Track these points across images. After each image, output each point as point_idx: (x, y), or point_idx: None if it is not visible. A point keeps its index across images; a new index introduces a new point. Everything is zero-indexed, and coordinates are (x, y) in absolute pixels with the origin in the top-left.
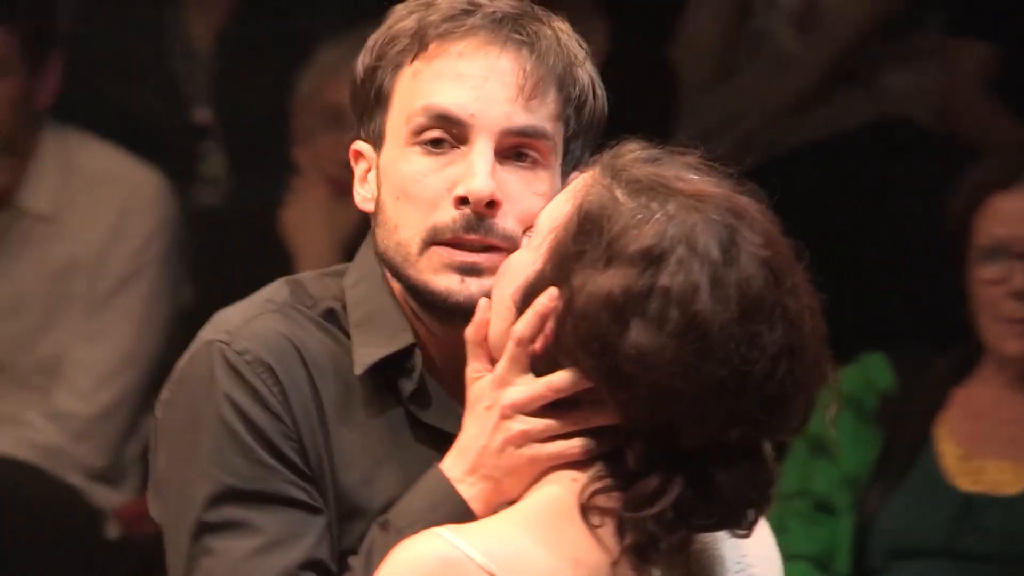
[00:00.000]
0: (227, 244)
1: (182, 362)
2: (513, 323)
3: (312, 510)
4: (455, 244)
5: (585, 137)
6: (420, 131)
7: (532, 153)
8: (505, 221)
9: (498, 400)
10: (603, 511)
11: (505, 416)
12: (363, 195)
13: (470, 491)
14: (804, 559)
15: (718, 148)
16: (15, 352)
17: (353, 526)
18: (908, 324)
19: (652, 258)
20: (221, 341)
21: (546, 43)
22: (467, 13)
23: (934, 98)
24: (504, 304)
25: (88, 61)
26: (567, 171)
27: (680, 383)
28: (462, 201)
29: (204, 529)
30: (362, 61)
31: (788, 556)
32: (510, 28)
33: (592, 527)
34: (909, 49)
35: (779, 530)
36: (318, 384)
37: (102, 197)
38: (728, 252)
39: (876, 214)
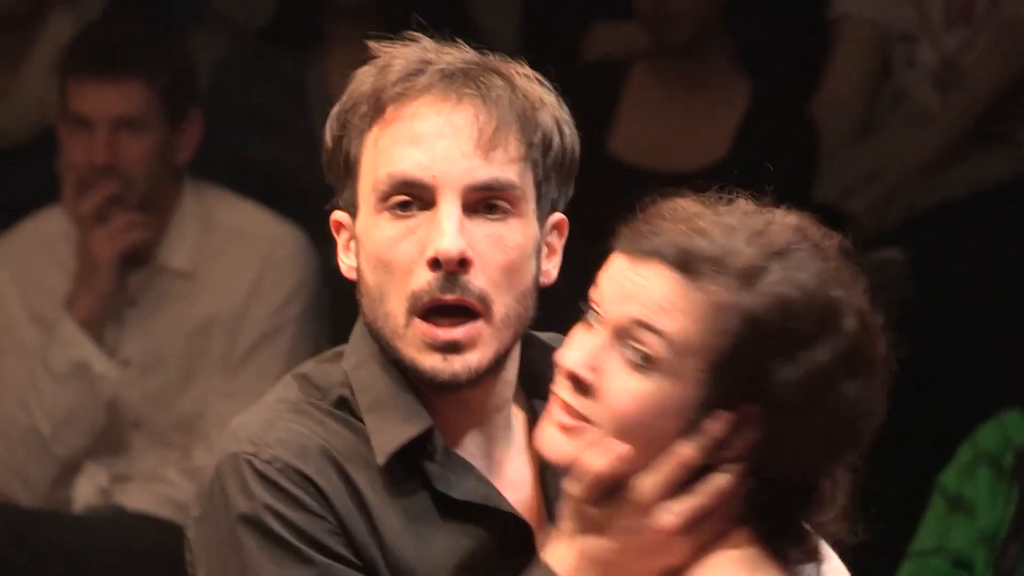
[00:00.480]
0: None
1: (209, 476)
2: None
3: None
4: (431, 311)
5: (558, 177)
6: (386, 198)
7: (502, 203)
8: (478, 279)
9: (648, 525)
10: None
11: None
12: (348, 264)
13: (562, 559)
14: None
15: (858, 205)
16: (154, 409)
17: None
18: None
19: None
20: (247, 453)
21: (498, 92)
22: (419, 72)
23: None
24: (658, 442)
25: (228, 118)
26: (543, 214)
27: (864, 422)
28: (434, 263)
29: None
30: (329, 130)
31: None
32: (461, 83)
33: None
34: None
35: None
36: (350, 476)
37: (242, 254)
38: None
39: (1014, 272)
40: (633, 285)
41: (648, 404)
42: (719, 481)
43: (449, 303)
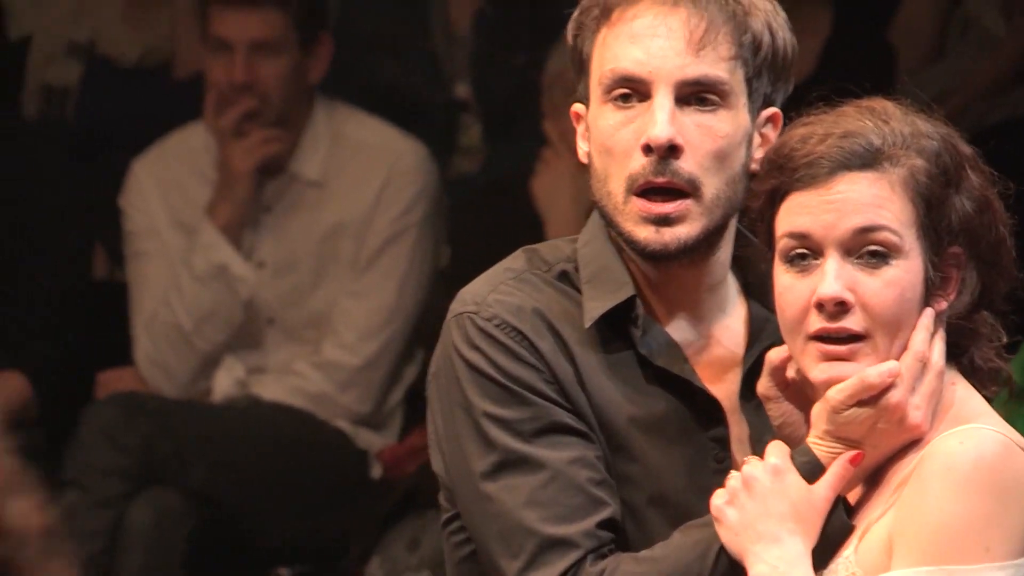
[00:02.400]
0: (482, 209)
1: (441, 337)
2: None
3: (585, 436)
4: (647, 191)
5: (770, 74)
6: (609, 90)
7: (711, 97)
8: (688, 163)
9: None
10: None
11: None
12: (583, 150)
13: (822, 450)
14: None
15: None
16: (287, 308)
17: (616, 461)
18: None
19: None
20: (471, 312)
21: (721, 6)
22: None
23: None
24: (916, 300)
25: (356, 41)
26: (755, 107)
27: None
28: (648, 149)
29: (486, 477)
30: (569, 32)
31: None
32: None
33: None
34: None
35: None
36: (562, 335)
37: (368, 165)
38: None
39: None
40: (839, 204)
41: (901, 287)
42: (940, 361)
43: (660, 184)
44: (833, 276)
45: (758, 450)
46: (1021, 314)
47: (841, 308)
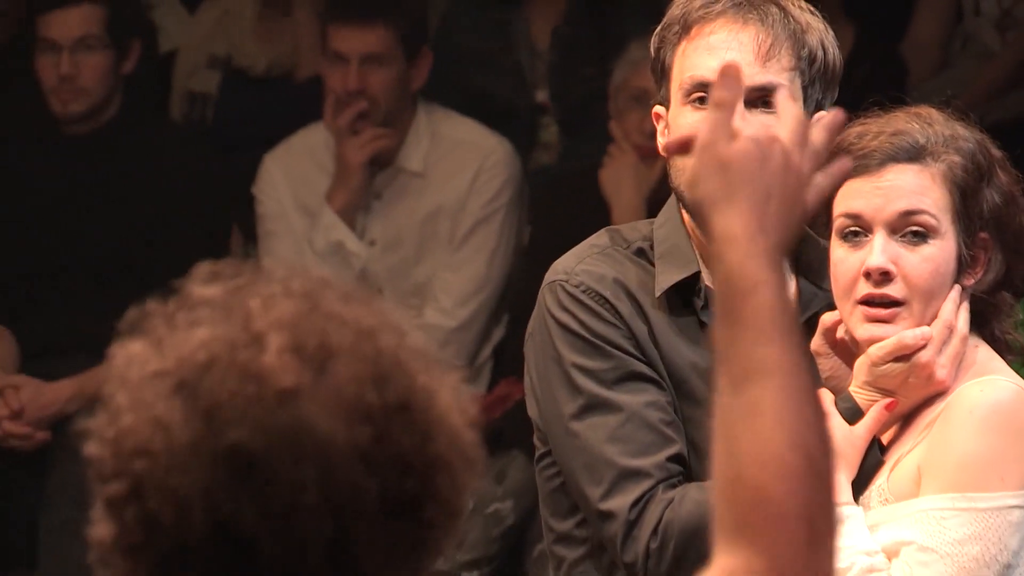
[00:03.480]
0: (558, 196)
1: (537, 302)
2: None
3: (658, 384)
4: None
5: (821, 83)
6: (688, 94)
7: (771, 99)
8: None
9: (927, 378)
10: None
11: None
12: (662, 143)
13: (861, 397)
14: None
15: None
16: (394, 278)
17: (682, 405)
18: None
19: (986, 146)
20: (561, 280)
21: (774, 18)
22: (716, 2)
23: None
24: (949, 275)
25: (452, 54)
26: (809, 110)
27: None
28: None
29: (573, 418)
30: (652, 44)
31: None
32: (747, 10)
33: None
34: None
35: None
36: (639, 300)
37: (462, 158)
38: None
39: None
40: (888, 190)
41: (936, 262)
42: (964, 329)
43: None
44: (880, 250)
45: None
46: None
47: (885, 277)
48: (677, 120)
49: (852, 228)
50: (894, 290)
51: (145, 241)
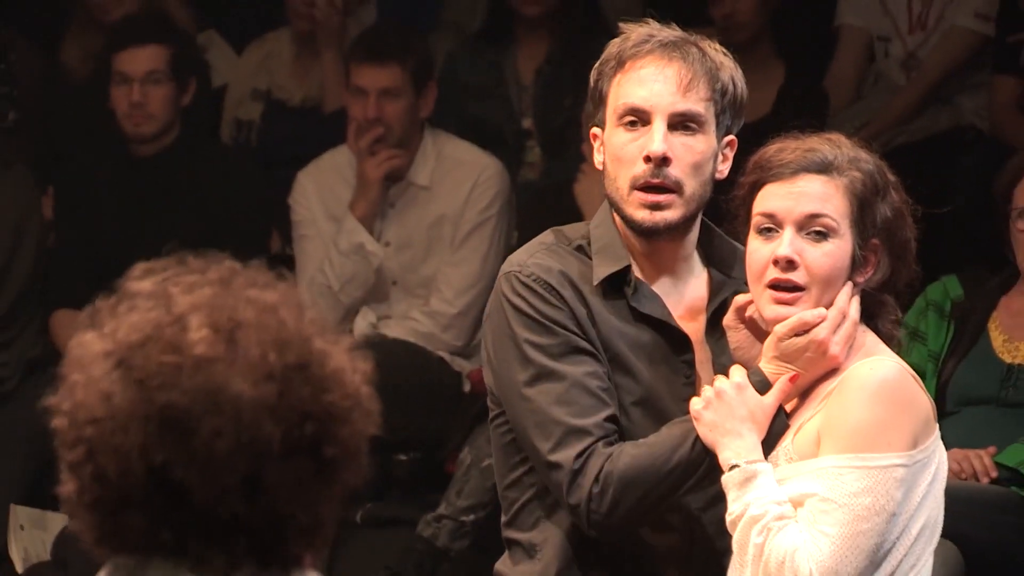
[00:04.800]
0: (540, 205)
1: (494, 289)
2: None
3: (596, 357)
4: (645, 188)
5: (731, 112)
6: (622, 117)
7: (692, 125)
8: (675, 170)
9: (823, 353)
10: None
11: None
12: (598, 160)
13: (768, 370)
14: None
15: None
16: (405, 273)
17: (615, 374)
18: (972, 256)
19: (882, 171)
20: (515, 271)
21: (694, 56)
22: (647, 41)
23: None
24: (843, 269)
25: (454, 88)
26: (720, 134)
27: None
28: (648, 159)
29: (526, 385)
30: (592, 76)
31: None
32: (671, 49)
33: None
34: (975, 81)
35: None
36: (580, 289)
37: (462, 174)
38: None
39: (955, 187)
40: (798, 195)
41: (834, 258)
42: (855, 315)
43: (655, 184)
44: (788, 243)
45: (717, 370)
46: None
47: (790, 266)
48: (612, 139)
49: (767, 225)
50: (798, 277)
51: (198, 243)
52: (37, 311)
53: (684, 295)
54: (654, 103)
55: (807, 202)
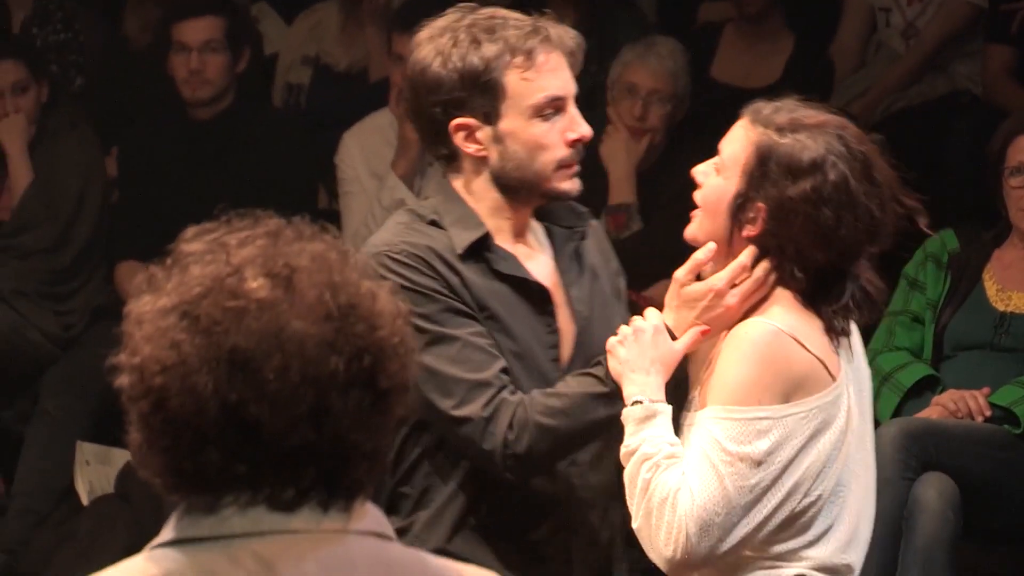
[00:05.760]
0: None
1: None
2: (725, 220)
3: (474, 318)
4: (569, 165)
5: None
6: (542, 109)
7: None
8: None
9: (721, 303)
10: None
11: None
12: (476, 147)
13: (671, 318)
14: (905, 349)
15: (856, 109)
16: None
17: (490, 330)
18: (968, 211)
19: (818, 166)
20: (385, 250)
21: (573, 39)
22: (537, 31)
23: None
24: (722, 207)
25: None
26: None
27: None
28: (575, 142)
29: (420, 352)
30: (480, 68)
31: (895, 348)
32: (558, 35)
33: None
34: (969, 49)
35: (889, 332)
36: (446, 259)
37: None
38: (849, 151)
39: (951, 148)
40: (728, 133)
41: (711, 190)
42: (758, 273)
43: (578, 162)
44: (704, 164)
45: (573, 309)
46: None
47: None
48: (528, 130)
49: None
50: (697, 196)
51: (252, 199)
52: (102, 262)
53: (535, 251)
54: (568, 91)
55: (725, 139)
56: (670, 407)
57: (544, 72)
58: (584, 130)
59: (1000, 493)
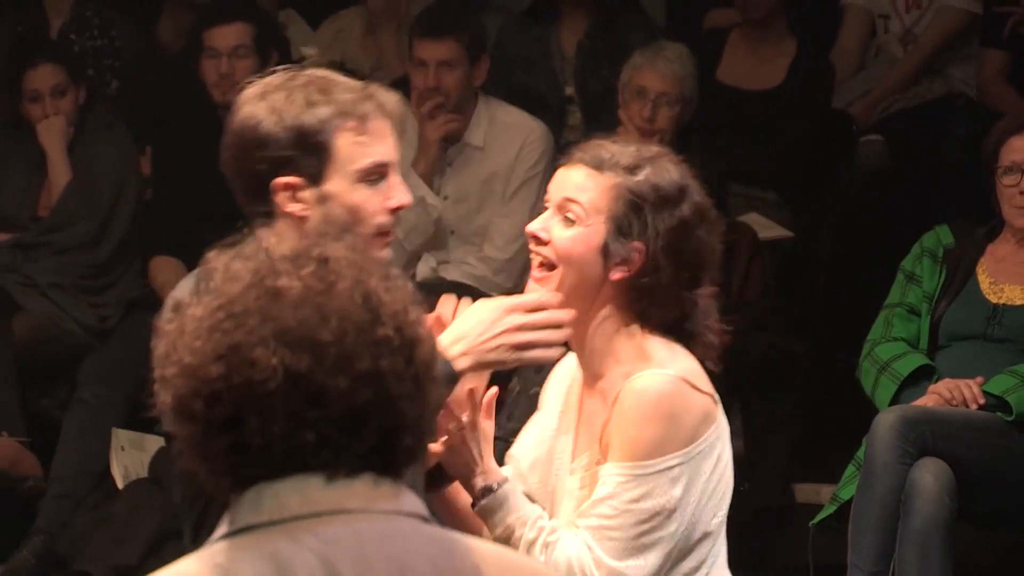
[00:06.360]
0: None
1: None
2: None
3: None
4: (387, 233)
5: None
6: (369, 174)
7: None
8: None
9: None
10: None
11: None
12: (301, 206)
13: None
14: (902, 340)
15: (856, 110)
16: (461, 224)
17: None
18: (962, 208)
19: (684, 191)
20: None
21: (401, 112)
22: (368, 97)
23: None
24: (590, 256)
25: (504, 60)
26: None
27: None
28: (395, 209)
29: None
30: (312, 129)
31: (892, 338)
32: (383, 100)
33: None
34: (964, 53)
35: (887, 323)
36: None
37: (511, 136)
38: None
39: (945, 149)
40: (565, 179)
41: (574, 242)
42: (559, 316)
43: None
44: (540, 220)
45: None
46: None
47: (537, 241)
48: (351, 195)
49: (546, 202)
50: (547, 252)
51: None
52: (136, 257)
53: None
54: (393, 157)
55: (567, 188)
56: (515, 483)
57: (374, 137)
58: (404, 199)
59: (993, 477)
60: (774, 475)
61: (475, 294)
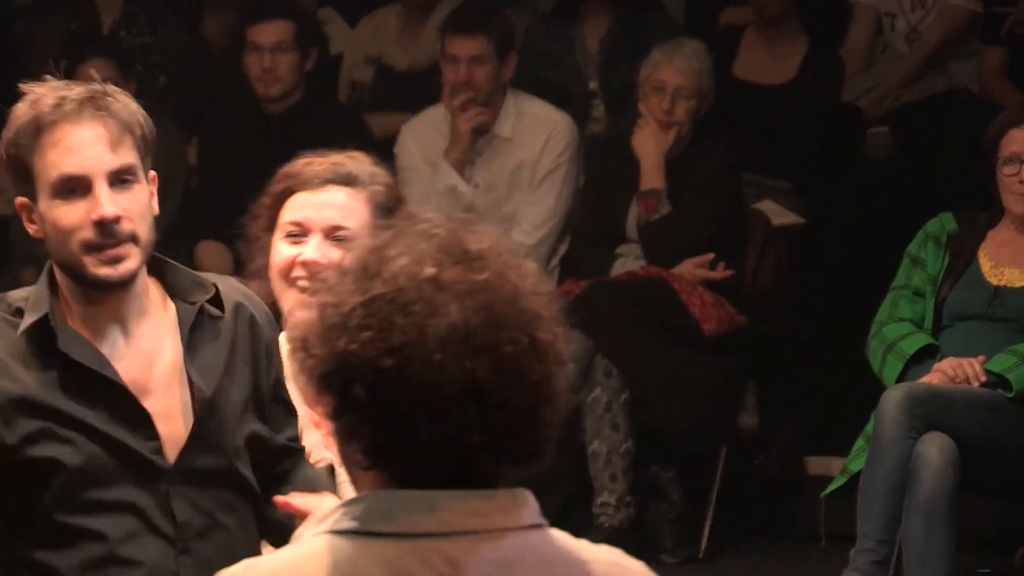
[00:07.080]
0: (603, 154)
1: None
2: None
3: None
4: (100, 248)
5: (149, 151)
6: (60, 189)
7: (128, 177)
8: (128, 225)
9: None
10: None
11: None
12: (35, 228)
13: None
14: (908, 320)
15: (864, 103)
16: (491, 210)
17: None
18: (965, 196)
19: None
20: None
21: (114, 108)
22: (61, 104)
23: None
24: None
25: (532, 55)
26: (147, 176)
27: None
28: (99, 223)
29: None
30: (8, 143)
31: (898, 319)
32: (89, 106)
33: None
34: (966, 50)
35: (894, 305)
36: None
37: (538, 127)
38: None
39: (948, 140)
40: (325, 204)
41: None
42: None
43: (110, 245)
44: (314, 248)
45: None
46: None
47: (314, 266)
48: (53, 212)
49: (295, 231)
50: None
51: None
52: (184, 242)
53: (140, 336)
54: (90, 169)
55: (333, 213)
56: None
57: (60, 149)
58: (104, 211)
59: (995, 451)
60: (788, 449)
61: None
